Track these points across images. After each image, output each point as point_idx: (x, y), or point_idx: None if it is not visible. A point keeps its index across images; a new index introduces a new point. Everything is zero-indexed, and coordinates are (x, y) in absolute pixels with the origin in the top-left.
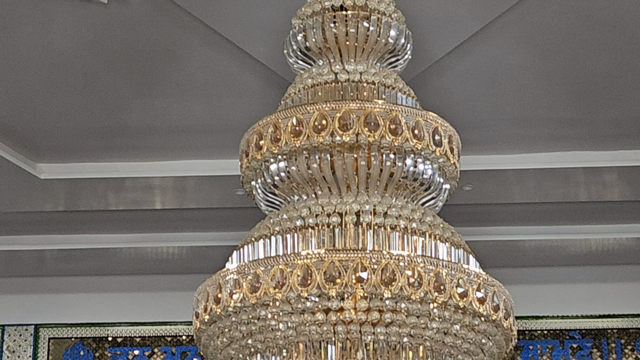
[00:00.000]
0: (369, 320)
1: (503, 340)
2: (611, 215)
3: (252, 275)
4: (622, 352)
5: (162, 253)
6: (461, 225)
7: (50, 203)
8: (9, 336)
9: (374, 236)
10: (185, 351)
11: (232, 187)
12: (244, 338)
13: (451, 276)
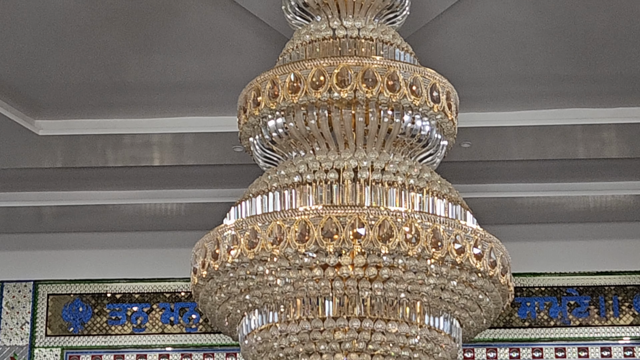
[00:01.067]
0: (366, 276)
1: (500, 296)
2: (609, 173)
3: (249, 231)
4: (619, 309)
5: (160, 210)
6: (459, 183)
7: (48, 160)
8: (8, 292)
9: (372, 192)
10: (184, 307)
11: (230, 144)
12: (242, 294)
13: (448, 232)
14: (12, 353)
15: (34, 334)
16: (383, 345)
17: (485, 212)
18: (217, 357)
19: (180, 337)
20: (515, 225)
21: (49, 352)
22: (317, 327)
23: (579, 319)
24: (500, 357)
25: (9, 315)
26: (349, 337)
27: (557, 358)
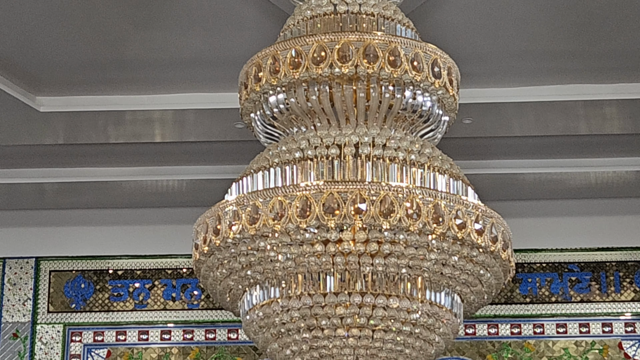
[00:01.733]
0: (367, 251)
1: (501, 271)
2: (611, 149)
3: (251, 206)
4: (620, 285)
5: (162, 186)
6: (461, 159)
7: (50, 136)
8: (10, 269)
9: (373, 168)
10: (186, 284)
11: (231, 120)
12: (243, 269)
13: (450, 208)
14: (14, 329)
15: (36, 310)
16: (384, 321)
17: (487, 188)
18: (219, 333)
19: (182, 313)
20: (516, 201)
21: (51, 329)
22: (319, 302)
23: (580, 295)
24: (501, 333)
25: (11, 291)
26: (350, 313)
27: (558, 334)
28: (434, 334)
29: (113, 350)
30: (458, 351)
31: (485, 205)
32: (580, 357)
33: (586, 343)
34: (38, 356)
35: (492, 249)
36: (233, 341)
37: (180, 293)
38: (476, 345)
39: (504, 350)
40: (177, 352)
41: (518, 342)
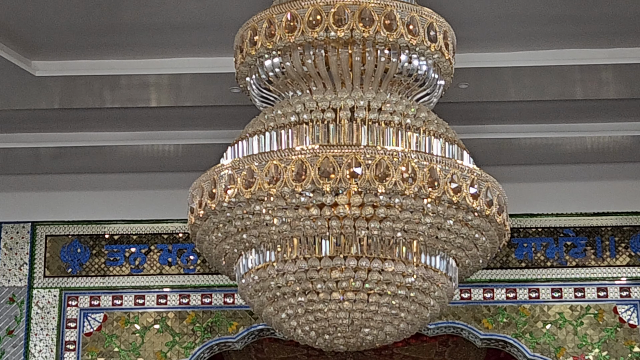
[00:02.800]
0: (362, 215)
1: (496, 235)
2: (607, 113)
3: (246, 170)
4: (615, 249)
5: (157, 151)
6: (457, 124)
7: (45, 101)
8: (6, 233)
9: (368, 132)
10: (182, 248)
11: (227, 85)
12: (239, 233)
13: (445, 171)
14: (11, 294)
15: (33, 275)
16: (380, 284)
17: (483, 153)
18: (215, 298)
19: (178, 278)
20: (512, 166)
21: (48, 293)
22: (314, 266)
23: (575, 260)
24: (497, 298)
25: (7, 256)
26: (345, 276)
27: (553, 298)
28: (429, 297)
29: (109, 315)
30: (454, 315)
31: (481, 170)
32: (575, 321)
33: (581, 307)
34: (34, 320)
35: (487, 213)
36: (229, 306)
37: (176, 258)
38: (472, 309)
39: (500, 315)
40: (173, 316)
41: (513, 307)
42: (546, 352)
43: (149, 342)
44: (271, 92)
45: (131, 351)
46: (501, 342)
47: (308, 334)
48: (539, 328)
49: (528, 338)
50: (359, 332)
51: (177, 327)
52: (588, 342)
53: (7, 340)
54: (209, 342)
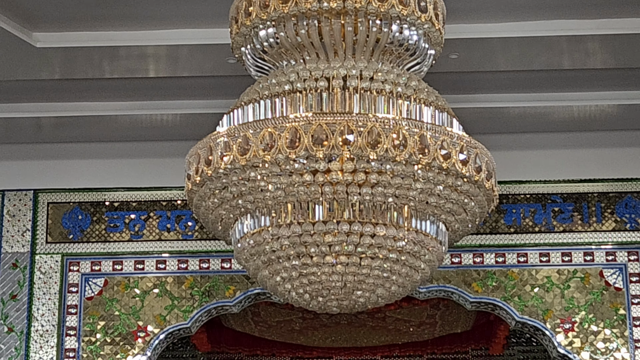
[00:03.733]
0: (355, 181)
1: (485, 200)
2: (593, 83)
3: (241, 138)
4: (601, 215)
5: (156, 120)
6: (447, 93)
7: (46, 71)
8: (9, 201)
9: (361, 100)
10: (180, 215)
11: (223, 56)
12: (234, 199)
13: (435, 138)
14: (14, 259)
15: (35, 241)
16: (371, 248)
17: (473, 121)
18: (213, 263)
19: (176, 243)
20: (501, 134)
21: (50, 259)
22: (308, 230)
23: (562, 225)
24: (486, 262)
25: (10, 223)
26: (338, 240)
27: (541, 263)
28: (419, 261)
29: (110, 280)
30: (444, 279)
31: (470, 137)
32: (562, 285)
33: (568, 271)
34: (37, 285)
35: (476, 179)
36: (226, 270)
37: (174, 224)
38: (462, 273)
39: (489, 279)
40: (172, 281)
41: (502, 271)
42: (534, 314)
43: (149, 306)
44: (266, 62)
45: (131, 315)
46: (490, 305)
47: (302, 296)
48: (527, 291)
49: (516, 301)
50: (351, 295)
51: (176, 292)
52: (575, 304)
53: (10, 305)
54: (207, 306)
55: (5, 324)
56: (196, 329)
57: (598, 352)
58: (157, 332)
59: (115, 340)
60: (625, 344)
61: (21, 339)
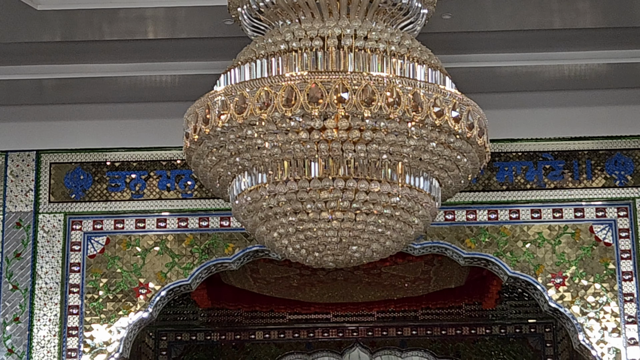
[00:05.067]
0: (350, 138)
1: (477, 156)
2: (583, 42)
3: (238, 96)
4: (592, 172)
5: (155, 81)
6: (440, 53)
7: (47, 34)
8: (12, 161)
9: (355, 59)
10: (180, 174)
11: (221, 17)
12: (232, 156)
13: (428, 96)
14: (18, 219)
15: (38, 200)
16: (366, 204)
17: (465, 81)
18: (212, 221)
19: (176, 202)
20: (493, 93)
21: (53, 218)
22: (304, 187)
23: (553, 182)
24: (479, 219)
25: (14, 183)
26: (334, 197)
27: (532, 219)
28: (413, 216)
29: (112, 238)
30: (438, 236)
31: (462, 94)
32: (553, 240)
33: (559, 227)
34: (40, 244)
35: (469, 135)
36: (225, 228)
37: (174, 183)
38: (455, 230)
39: (482, 235)
40: (173, 239)
41: (495, 227)
42: (526, 269)
43: (150, 264)
44: (262, 22)
45: (133, 272)
46: (483, 260)
47: (299, 251)
48: (519, 247)
49: (509, 256)
50: (347, 250)
51: (176, 249)
52: (565, 259)
53: (14, 263)
54: (206, 263)
55: (10, 281)
56: (196, 286)
57: (588, 306)
58: (158, 289)
59: (117, 297)
60: (615, 297)
61: (25, 296)
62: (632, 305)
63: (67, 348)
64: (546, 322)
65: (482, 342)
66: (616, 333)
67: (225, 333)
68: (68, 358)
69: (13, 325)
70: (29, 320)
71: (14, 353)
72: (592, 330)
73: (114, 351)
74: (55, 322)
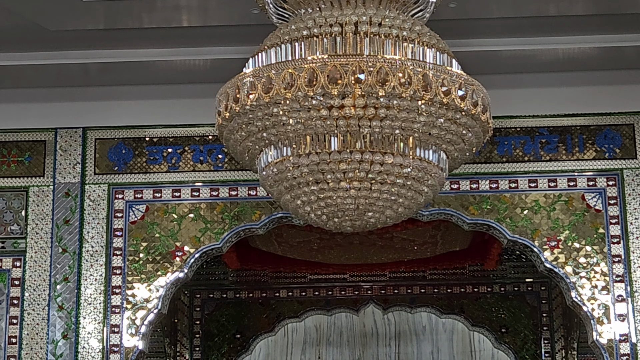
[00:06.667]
0: (366, 115)
1: (481, 131)
2: (576, 28)
3: (265, 78)
4: (583, 146)
5: (189, 65)
6: (446, 38)
7: (92, 23)
8: (61, 138)
9: (370, 43)
10: (212, 149)
11: (248, 6)
12: (259, 132)
13: (436, 77)
14: (66, 189)
15: (84, 172)
16: (381, 175)
17: (469, 64)
18: (241, 190)
19: (208, 174)
20: (494, 74)
21: (98, 188)
22: (324, 159)
23: (549, 155)
24: (481, 188)
25: (63, 157)
26: (351, 168)
27: (530, 188)
28: (423, 185)
29: (151, 206)
30: (444, 204)
31: (468, 75)
32: (548, 207)
33: (554, 195)
34: (87, 211)
35: (473, 112)
36: (253, 197)
37: (207, 157)
38: (460, 198)
39: (484, 203)
40: (205, 207)
41: (496, 196)
42: (524, 233)
43: (185, 229)
44: (286, 10)
45: (170, 237)
46: (485, 225)
47: (320, 217)
48: (518, 213)
49: (508, 222)
50: (363, 216)
51: (209, 216)
52: (560, 225)
53: (64, 229)
54: (236, 228)
55: (60, 245)
56: (227, 249)
57: (580, 267)
58: (193, 252)
59: (156, 259)
60: (604, 259)
61: (74, 258)
62: (619, 266)
63: (111, 305)
64: (542, 281)
65: (483, 299)
66: (605, 291)
67: (252, 291)
68: (112, 313)
69: (63, 284)
70: (77, 280)
71: (64, 309)
72: (584, 288)
73: (153, 307)
74: (101, 281)
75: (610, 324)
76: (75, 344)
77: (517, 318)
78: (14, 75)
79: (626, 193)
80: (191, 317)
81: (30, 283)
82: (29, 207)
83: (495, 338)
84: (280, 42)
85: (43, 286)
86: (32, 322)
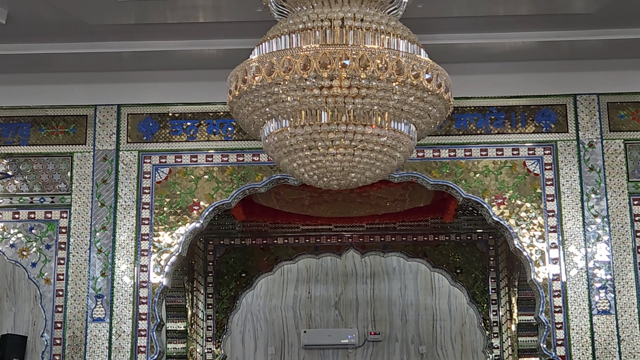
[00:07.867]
0: (350, 94)
1: (443, 108)
2: (520, 25)
3: (268, 63)
4: (525, 122)
5: (205, 54)
6: (416, 33)
7: (125, 18)
8: (100, 112)
9: (354, 35)
10: (223, 122)
11: (254, 5)
12: (263, 107)
13: (408, 63)
14: (104, 155)
15: (119, 141)
16: (362, 143)
17: (434, 54)
18: (246, 156)
19: (220, 143)
20: (453, 63)
21: (130, 154)
22: (316, 130)
23: (497, 129)
24: (442, 156)
25: (101, 128)
26: (338, 137)
27: (481, 156)
28: (396, 152)
29: (173, 169)
30: (412, 168)
31: (433, 62)
32: (496, 171)
33: (501, 162)
34: (121, 173)
35: (438, 92)
36: (256, 162)
37: (219, 129)
38: (424, 164)
39: (444, 167)
40: (217, 169)
41: (454, 162)
42: (476, 193)
43: (201, 188)
44: (285, 8)
45: (188, 194)
46: (445, 186)
47: (312, 177)
48: (471, 176)
49: (464, 183)
50: (347, 176)
51: (220, 177)
52: (505, 186)
53: (102, 187)
54: (242, 187)
55: (99, 200)
56: (235, 204)
57: (521, 220)
58: (207, 206)
59: (177, 212)
60: (541, 213)
61: (110, 211)
62: (553, 219)
63: (140, 249)
64: (490, 232)
65: (442, 246)
66: (542, 239)
67: (255, 239)
68: (141, 256)
69: (101, 232)
70: (113, 229)
71: (102, 252)
72: (524, 237)
73: (175, 251)
74: (132, 230)
75: (545, 266)
76: (111, 280)
77: (470, 261)
78: (61, 61)
79: (559, 160)
80: (205, 259)
81: (75, 231)
82: (74, 169)
83: (452, 277)
84: (280, 34)
85: (85, 234)
86: (76, 262)
